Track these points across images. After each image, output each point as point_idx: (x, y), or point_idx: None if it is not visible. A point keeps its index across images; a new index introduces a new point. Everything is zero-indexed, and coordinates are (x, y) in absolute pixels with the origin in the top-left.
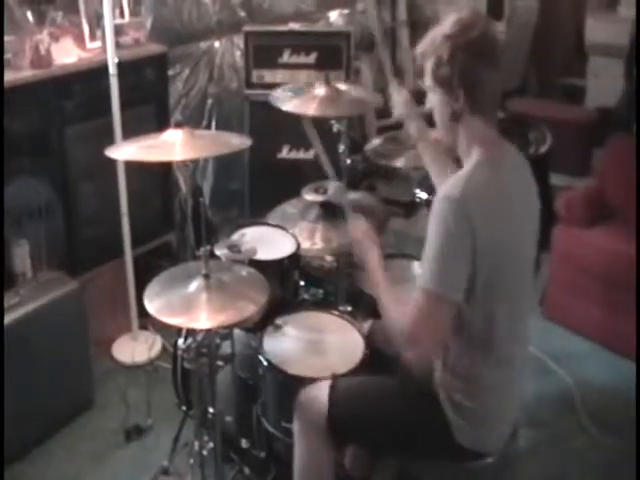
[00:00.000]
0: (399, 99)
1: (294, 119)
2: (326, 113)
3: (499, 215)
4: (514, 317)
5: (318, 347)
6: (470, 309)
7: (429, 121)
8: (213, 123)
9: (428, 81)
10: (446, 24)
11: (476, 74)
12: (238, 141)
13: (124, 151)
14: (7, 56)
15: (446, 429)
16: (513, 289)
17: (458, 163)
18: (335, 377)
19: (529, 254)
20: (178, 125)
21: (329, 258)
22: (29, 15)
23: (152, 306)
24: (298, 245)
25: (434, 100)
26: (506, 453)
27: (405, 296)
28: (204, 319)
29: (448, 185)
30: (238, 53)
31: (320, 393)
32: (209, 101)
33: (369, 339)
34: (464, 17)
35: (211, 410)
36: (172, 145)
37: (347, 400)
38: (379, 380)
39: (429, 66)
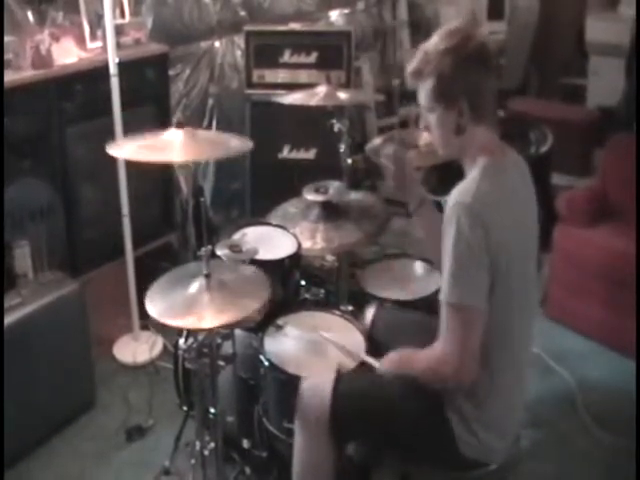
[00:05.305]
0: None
1: (295, 119)
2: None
3: (508, 216)
4: (522, 319)
5: (319, 347)
6: None
7: None
8: (214, 123)
9: (426, 100)
10: (437, 38)
11: (480, 84)
12: (240, 144)
13: (125, 149)
14: (8, 56)
15: (451, 442)
16: (521, 291)
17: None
18: (340, 371)
19: (534, 254)
20: (179, 125)
21: (330, 258)
22: (30, 15)
23: (154, 309)
24: (299, 245)
25: (433, 119)
26: (509, 458)
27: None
28: (206, 319)
29: (458, 192)
30: (239, 53)
31: (324, 385)
32: (210, 101)
33: (372, 327)
34: (456, 28)
35: (212, 410)
36: (173, 145)
37: (351, 396)
38: (385, 380)
39: (428, 84)
